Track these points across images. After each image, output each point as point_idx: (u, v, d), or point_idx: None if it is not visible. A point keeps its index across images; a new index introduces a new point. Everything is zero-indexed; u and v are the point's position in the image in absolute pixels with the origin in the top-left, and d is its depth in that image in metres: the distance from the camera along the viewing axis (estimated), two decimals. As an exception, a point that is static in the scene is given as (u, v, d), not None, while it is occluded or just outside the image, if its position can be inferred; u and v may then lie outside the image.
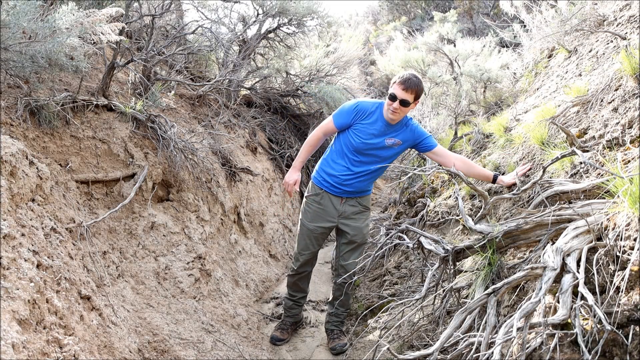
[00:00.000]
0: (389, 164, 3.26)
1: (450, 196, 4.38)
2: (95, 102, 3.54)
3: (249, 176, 5.38)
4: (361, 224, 3.38)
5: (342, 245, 3.44)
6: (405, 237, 3.40)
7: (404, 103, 2.96)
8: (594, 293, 1.74)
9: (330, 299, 3.65)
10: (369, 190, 3.38)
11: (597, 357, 1.56)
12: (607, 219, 1.95)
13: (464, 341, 1.98)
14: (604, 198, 2.13)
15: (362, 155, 3.18)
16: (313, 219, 3.34)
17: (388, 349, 1.97)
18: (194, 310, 3.35)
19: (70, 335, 2.01)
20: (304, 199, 3.42)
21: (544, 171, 2.56)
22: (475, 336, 1.93)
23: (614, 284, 1.71)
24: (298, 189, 3.30)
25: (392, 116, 3.03)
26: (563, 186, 2.45)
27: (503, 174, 3.35)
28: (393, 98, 2.98)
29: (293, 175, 3.25)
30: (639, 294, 1.61)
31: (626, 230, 1.79)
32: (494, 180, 3.12)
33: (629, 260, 1.69)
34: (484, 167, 4.14)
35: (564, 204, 2.34)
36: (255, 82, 7.16)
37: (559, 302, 1.81)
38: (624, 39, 3.57)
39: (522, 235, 2.32)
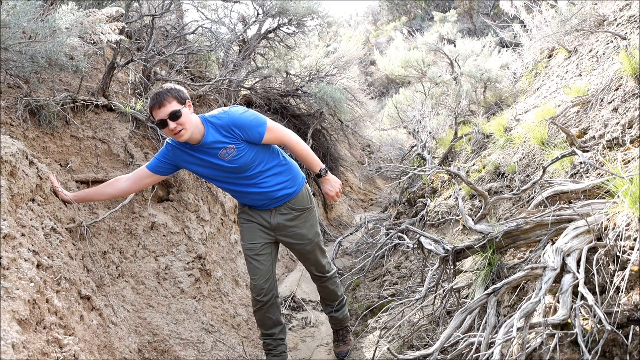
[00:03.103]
0: (251, 161, 2.65)
1: (450, 196, 4.38)
2: (95, 102, 3.54)
3: (249, 176, 5.37)
4: (302, 230, 2.88)
5: (296, 256, 3.11)
6: (405, 237, 3.40)
7: (174, 116, 2.42)
8: (594, 293, 1.74)
9: (319, 299, 3.42)
10: (293, 191, 2.81)
11: (597, 357, 1.56)
12: (607, 219, 1.95)
13: (464, 341, 1.98)
14: (604, 198, 2.13)
15: (226, 184, 2.73)
16: (248, 237, 2.87)
17: (388, 349, 1.98)
18: (194, 310, 3.35)
19: (70, 335, 2.01)
20: (238, 221, 3.03)
21: (544, 171, 2.56)
22: (475, 336, 1.93)
23: (614, 284, 1.71)
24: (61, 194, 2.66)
25: (183, 137, 2.47)
26: (563, 186, 2.45)
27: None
28: (163, 124, 2.45)
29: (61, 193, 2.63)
30: (639, 294, 1.61)
31: (626, 230, 1.80)
32: (319, 175, 2.80)
33: (629, 260, 1.69)
34: (484, 167, 4.14)
35: (564, 204, 2.34)
36: (255, 82, 7.16)
37: (559, 302, 1.81)
38: (624, 39, 3.57)
39: (522, 235, 2.32)
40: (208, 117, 2.59)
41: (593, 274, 1.79)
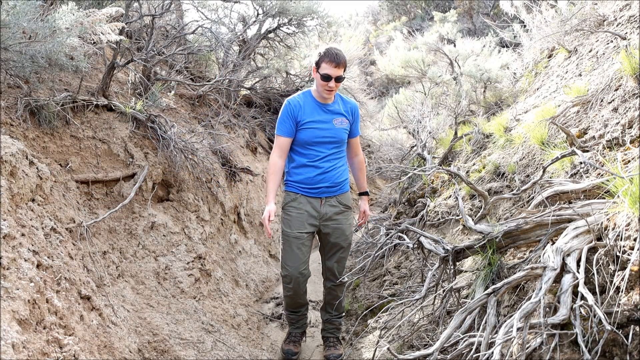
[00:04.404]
0: (344, 140, 3.22)
1: (450, 196, 4.38)
2: (95, 102, 3.54)
3: (249, 176, 5.38)
4: (343, 225, 3.22)
5: (326, 249, 3.29)
6: (405, 237, 3.40)
7: (339, 79, 2.99)
8: (594, 293, 1.74)
9: (322, 304, 3.50)
10: (347, 185, 3.27)
11: (597, 357, 1.56)
12: (607, 219, 1.95)
13: (464, 341, 1.98)
14: (604, 198, 2.13)
15: (321, 146, 3.12)
16: (297, 226, 3.12)
17: (388, 349, 1.97)
18: (194, 310, 3.35)
19: (70, 335, 2.01)
20: (282, 210, 3.24)
21: (544, 171, 2.56)
22: (475, 336, 1.93)
23: (614, 284, 1.71)
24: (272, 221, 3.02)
25: (328, 95, 3.05)
26: (563, 186, 2.45)
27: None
28: (327, 78, 2.96)
29: (267, 208, 2.96)
30: (639, 294, 1.61)
31: (626, 230, 1.80)
32: (360, 194, 3.49)
33: (629, 260, 1.69)
34: (484, 167, 4.14)
35: (564, 204, 2.34)
36: (255, 82, 7.16)
37: (559, 302, 1.81)
38: (624, 39, 3.57)
39: (522, 235, 2.32)
40: (340, 94, 3.25)
41: (593, 274, 1.79)
